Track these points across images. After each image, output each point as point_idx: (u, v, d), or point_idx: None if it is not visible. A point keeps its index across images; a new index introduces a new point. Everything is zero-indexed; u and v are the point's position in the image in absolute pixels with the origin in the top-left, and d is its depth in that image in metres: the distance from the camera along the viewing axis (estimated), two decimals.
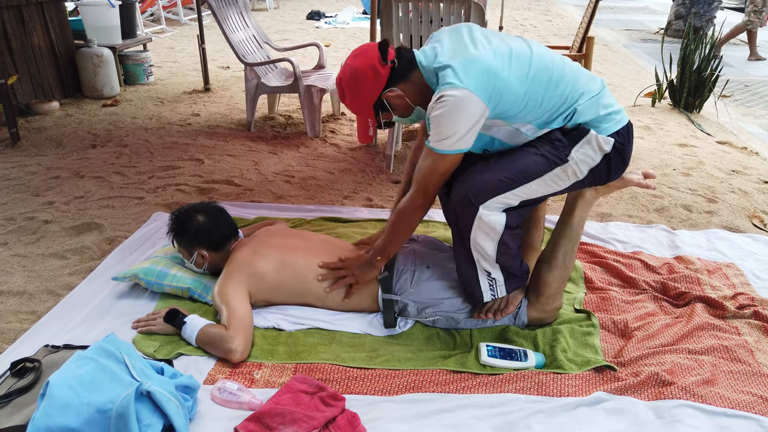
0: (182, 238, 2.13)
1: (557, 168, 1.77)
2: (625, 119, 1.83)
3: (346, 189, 3.29)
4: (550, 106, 1.75)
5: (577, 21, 10.02)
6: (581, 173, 1.80)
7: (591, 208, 2.00)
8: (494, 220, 1.77)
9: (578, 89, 1.77)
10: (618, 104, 1.85)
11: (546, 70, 1.75)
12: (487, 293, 1.93)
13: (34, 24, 4.74)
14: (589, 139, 1.76)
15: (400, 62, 1.78)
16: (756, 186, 3.37)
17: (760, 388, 1.74)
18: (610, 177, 1.86)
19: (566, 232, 1.96)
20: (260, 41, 4.54)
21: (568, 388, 1.73)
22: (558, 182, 1.80)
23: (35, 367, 1.67)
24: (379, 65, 1.76)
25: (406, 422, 1.61)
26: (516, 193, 1.77)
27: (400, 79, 1.78)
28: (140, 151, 3.81)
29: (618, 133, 1.79)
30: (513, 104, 1.72)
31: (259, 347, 1.91)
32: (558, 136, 1.78)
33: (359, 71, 1.77)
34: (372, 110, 1.83)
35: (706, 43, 4.62)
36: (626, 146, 1.82)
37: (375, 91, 1.79)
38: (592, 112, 1.77)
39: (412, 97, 1.81)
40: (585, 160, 1.77)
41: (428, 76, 1.77)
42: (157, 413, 1.47)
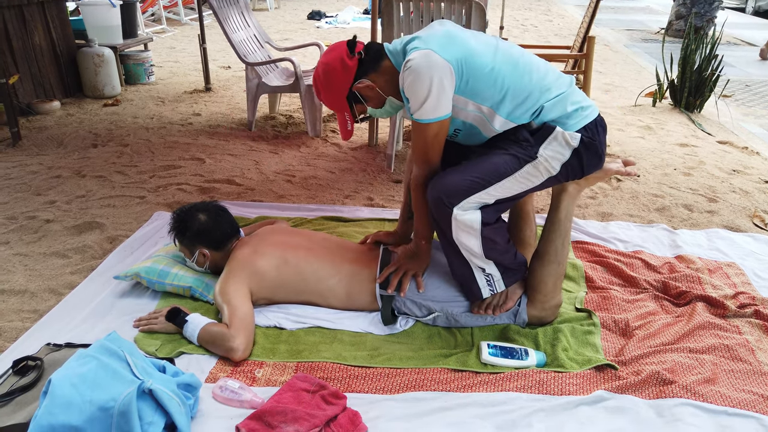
0: (184, 237, 2.13)
1: (527, 165, 1.80)
2: (594, 114, 1.86)
3: (347, 188, 3.30)
4: (517, 94, 1.78)
5: (578, 21, 10.02)
6: (553, 169, 1.83)
7: (576, 201, 2.03)
8: (469, 218, 1.79)
9: (545, 85, 1.81)
10: (587, 100, 1.88)
11: (512, 58, 1.81)
12: (485, 289, 1.94)
13: (36, 24, 4.74)
14: (555, 136, 1.80)
15: (368, 54, 1.84)
16: (757, 186, 3.37)
17: (761, 387, 1.74)
18: (585, 170, 1.89)
19: (555, 228, 1.98)
20: (261, 41, 4.54)
21: (569, 387, 1.73)
22: (531, 179, 1.83)
23: (37, 365, 1.67)
24: (346, 58, 1.81)
25: (407, 421, 1.61)
26: (489, 192, 1.80)
27: (369, 70, 1.83)
28: (141, 151, 3.82)
29: (585, 128, 1.82)
30: (481, 78, 1.75)
31: (260, 346, 1.91)
32: (525, 136, 1.81)
33: (329, 65, 1.83)
34: (346, 103, 1.87)
35: (707, 42, 4.62)
36: (595, 139, 1.84)
37: (345, 83, 1.83)
38: (560, 109, 1.81)
39: (383, 87, 1.85)
40: (555, 156, 1.81)
41: (398, 61, 1.82)
42: (158, 411, 1.47)
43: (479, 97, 1.78)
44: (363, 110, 1.92)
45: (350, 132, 1.93)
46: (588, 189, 3.30)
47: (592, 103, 1.90)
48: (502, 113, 1.80)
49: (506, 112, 1.80)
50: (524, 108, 1.80)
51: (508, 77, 1.77)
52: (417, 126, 1.79)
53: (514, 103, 1.79)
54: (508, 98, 1.78)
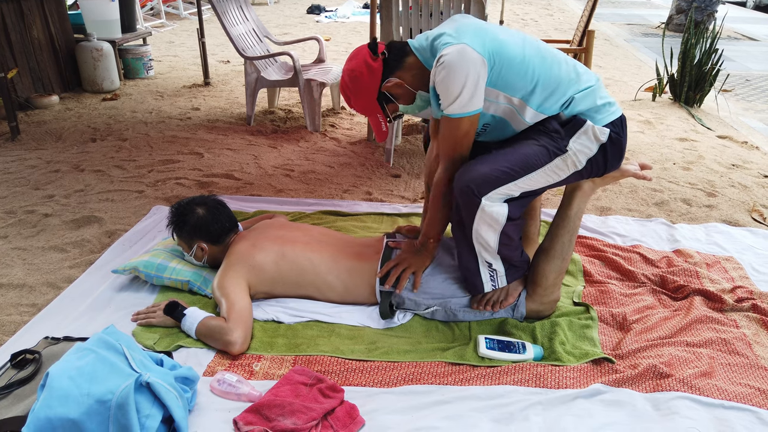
0: (182, 230, 2.13)
1: (557, 158, 1.79)
2: (619, 111, 1.86)
3: (345, 183, 3.29)
4: (547, 85, 1.77)
5: (578, 15, 10.00)
6: (580, 164, 1.82)
7: (589, 199, 2.01)
8: (497, 211, 1.77)
9: (573, 76, 1.81)
10: (611, 98, 1.88)
11: (539, 49, 1.80)
12: (487, 284, 1.94)
13: (34, 18, 4.73)
14: (586, 130, 1.78)
15: (391, 52, 1.83)
16: (756, 180, 3.37)
17: (758, 381, 1.75)
18: (607, 168, 1.88)
19: (564, 224, 1.97)
20: (260, 35, 4.53)
21: (566, 381, 1.74)
22: (558, 173, 1.82)
23: (35, 358, 1.68)
24: (370, 60, 1.81)
25: (404, 413, 1.62)
26: (518, 184, 1.78)
27: (395, 69, 1.83)
28: (140, 145, 3.81)
29: (613, 124, 1.81)
30: (512, 69, 1.74)
31: (258, 339, 1.92)
32: (555, 127, 1.79)
33: (354, 71, 1.83)
34: (377, 105, 1.87)
35: (707, 37, 4.61)
36: (621, 137, 1.84)
37: (373, 85, 1.83)
38: (590, 101, 1.80)
39: (412, 83, 1.84)
40: (583, 150, 1.80)
41: (425, 57, 1.81)
42: (156, 404, 1.48)
43: (511, 89, 1.76)
44: (395, 109, 1.90)
45: (386, 133, 1.92)
46: None
47: (615, 101, 1.89)
48: (533, 104, 1.78)
49: (537, 104, 1.78)
50: (554, 99, 1.79)
51: (538, 67, 1.76)
52: (448, 122, 1.76)
53: (545, 94, 1.77)
54: (539, 89, 1.77)
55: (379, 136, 1.92)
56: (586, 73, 1.85)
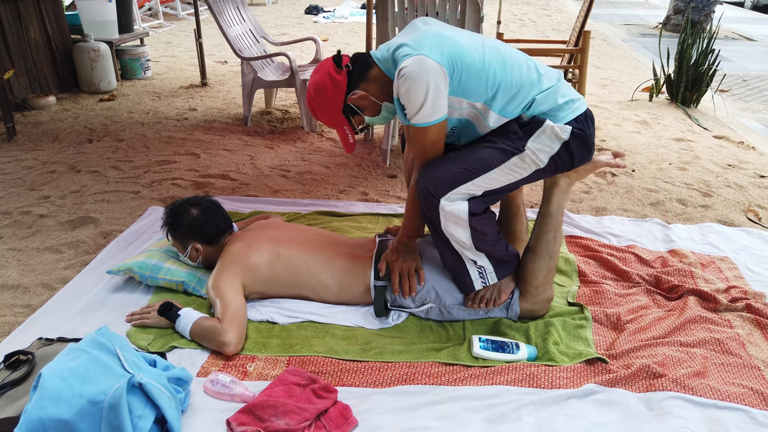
0: (176, 231, 2.13)
1: (514, 157, 1.81)
2: (583, 107, 1.87)
3: (342, 183, 3.30)
4: (509, 89, 1.79)
5: (576, 15, 10.00)
6: (541, 162, 1.83)
7: (568, 195, 2.03)
8: (456, 209, 1.80)
9: (535, 78, 1.82)
10: (575, 93, 1.89)
11: (499, 53, 1.81)
12: (477, 281, 1.95)
13: (31, 18, 4.73)
14: (545, 129, 1.80)
15: (355, 65, 1.84)
16: (752, 180, 3.38)
17: (751, 380, 1.75)
18: (575, 162, 1.89)
19: (547, 221, 1.99)
20: (257, 35, 4.53)
21: (560, 380, 1.74)
22: (518, 171, 1.84)
23: (28, 359, 1.68)
24: (334, 73, 1.82)
25: (397, 414, 1.62)
26: (476, 183, 1.80)
27: (359, 81, 1.84)
28: (136, 146, 3.81)
29: (576, 120, 1.82)
30: (473, 76, 1.75)
31: (252, 340, 1.92)
32: (514, 129, 1.82)
33: (319, 84, 1.84)
34: (343, 118, 1.88)
35: (704, 37, 4.62)
36: (586, 131, 1.85)
37: (338, 98, 1.84)
38: (551, 101, 1.82)
39: (377, 95, 1.86)
40: (542, 149, 1.81)
41: (387, 68, 1.82)
42: (149, 405, 1.48)
43: (473, 95, 1.78)
44: (361, 121, 1.92)
45: (353, 145, 1.94)
46: (582, 184, 3.30)
47: (581, 96, 1.91)
48: (496, 109, 1.80)
49: (499, 108, 1.80)
50: (516, 102, 1.80)
51: (499, 72, 1.77)
52: (415, 131, 1.79)
53: (506, 97, 1.79)
54: (501, 93, 1.78)
55: (347, 147, 1.95)
56: (548, 73, 1.87)
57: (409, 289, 1.99)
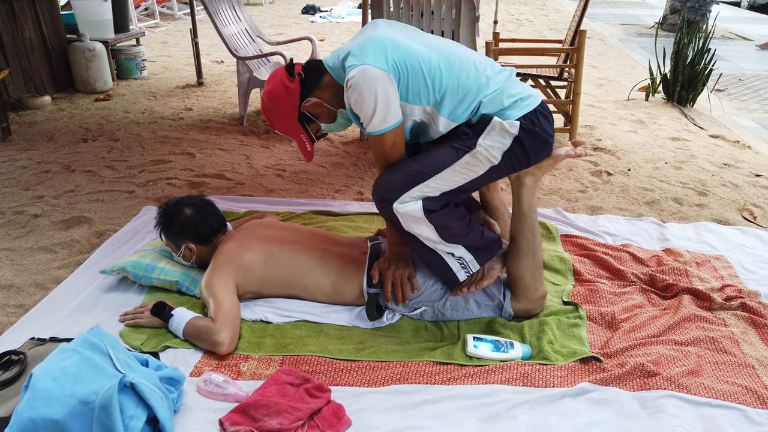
0: (170, 231, 2.13)
1: (466, 155, 1.80)
2: (534, 103, 1.85)
3: (337, 183, 3.29)
4: (456, 92, 1.78)
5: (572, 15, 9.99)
6: (494, 158, 1.82)
7: (537, 191, 2.03)
8: (410, 209, 1.80)
9: (483, 81, 1.81)
10: (527, 91, 1.87)
11: (448, 56, 1.81)
12: (460, 273, 1.95)
13: (26, 18, 4.71)
14: (493, 125, 1.80)
15: (308, 73, 1.84)
16: (747, 179, 3.38)
17: (745, 379, 1.75)
18: (531, 158, 1.88)
19: (522, 221, 1.99)
20: (252, 35, 4.52)
21: (554, 379, 1.74)
22: (472, 169, 1.83)
23: (20, 359, 1.67)
24: (287, 81, 1.82)
25: (391, 413, 1.61)
26: (430, 184, 1.80)
27: (313, 88, 1.84)
28: (132, 146, 3.80)
29: (525, 117, 1.81)
30: (419, 79, 1.75)
31: (246, 340, 1.91)
32: (464, 129, 1.83)
33: (272, 93, 1.85)
34: (299, 126, 1.88)
35: (700, 36, 4.62)
36: (536, 126, 1.83)
37: (292, 106, 1.84)
38: (497, 103, 1.81)
39: (330, 101, 1.86)
40: (494, 145, 1.80)
41: (338, 75, 1.82)
42: (140, 405, 1.47)
43: (421, 99, 1.78)
44: (317, 128, 1.93)
45: (311, 153, 1.94)
46: (578, 183, 3.30)
47: (533, 93, 1.90)
48: (444, 113, 1.81)
49: (447, 112, 1.81)
50: (464, 106, 1.81)
51: (445, 76, 1.77)
52: (373, 139, 1.80)
53: (454, 101, 1.79)
54: (448, 97, 1.78)
55: (306, 155, 1.95)
56: (498, 75, 1.85)
57: (402, 297, 1.98)
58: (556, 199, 3.11)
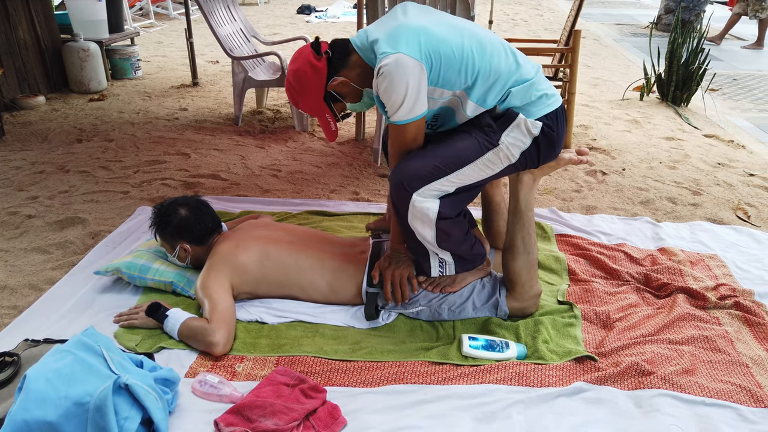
0: (164, 231, 2.12)
1: (489, 152, 1.81)
2: (557, 103, 1.86)
3: (333, 183, 3.29)
4: (487, 77, 1.78)
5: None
6: (513, 157, 1.83)
7: (534, 190, 2.03)
8: (427, 207, 1.79)
9: (513, 68, 1.81)
10: (551, 89, 1.88)
11: (480, 40, 1.79)
12: (435, 269, 1.97)
13: (20, 18, 4.69)
14: (518, 123, 1.80)
15: (335, 51, 1.82)
16: (741, 179, 3.39)
17: (739, 377, 1.76)
18: (541, 160, 1.90)
19: (517, 219, 1.99)
20: (247, 35, 4.51)
21: (549, 379, 1.74)
22: (491, 166, 1.83)
23: (14, 361, 1.66)
24: (314, 59, 1.80)
25: (386, 413, 1.61)
26: (450, 179, 1.80)
27: (339, 68, 1.82)
28: (126, 146, 3.79)
29: (547, 116, 1.82)
30: (452, 66, 1.74)
31: (241, 340, 1.91)
32: (488, 122, 1.82)
33: (298, 71, 1.82)
34: (324, 105, 1.87)
35: (694, 36, 4.63)
36: (554, 130, 1.85)
37: (319, 85, 1.82)
38: (525, 95, 1.81)
39: (357, 81, 1.84)
40: (515, 143, 1.82)
41: (367, 56, 1.81)
42: (135, 406, 1.47)
43: (452, 85, 1.77)
44: (342, 107, 1.91)
45: (335, 132, 1.92)
46: (573, 183, 3.31)
47: (557, 92, 1.90)
48: (474, 97, 1.80)
49: (477, 97, 1.80)
50: (494, 91, 1.80)
51: (478, 60, 1.76)
52: (395, 128, 1.79)
53: (485, 86, 1.78)
54: (480, 81, 1.77)
55: (329, 135, 1.93)
56: (527, 64, 1.86)
57: (402, 296, 1.98)
58: (551, 198, 3.12)
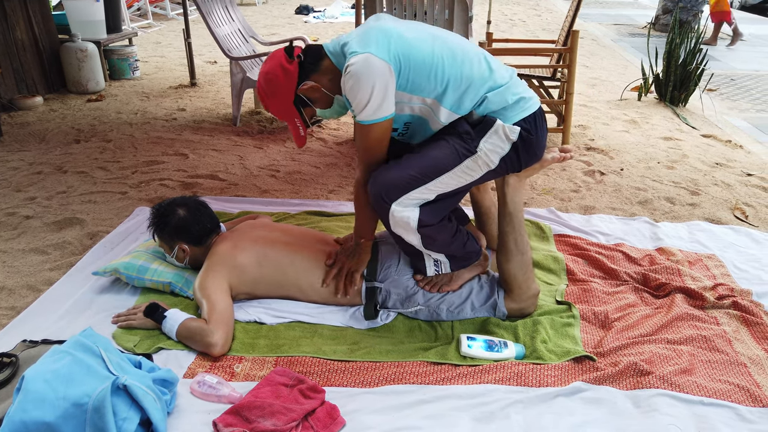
0: (163, 232, 2.12)
1: (467, 159, 1.81)
2: (534, 106, 1.86)
3: (331, 183, 3.29)
4: (459, 84, 1.77)
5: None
6: (492, 163, 1.83)
7: (521, 191, 2.03)
8: (407, 216, 1.79)
9: (486, 74, 1.80)
10: (528, 92, 1.88)
11: (450, 47, 1.79)
12: (431, 269, 1.98)
13: (17, 18, 4.68)
14: (496, 129, 1.80)
15: (307, 56, 1.82)
16: (739, 178, 3.40)
17: (737, 377, 1.76)
18: (522, 164, 1.90)
19: (508, 221, 1.99)
20: (246, 35, 4.51)
21: (547, 379, 1.74)
22: (470, 173, 1.84)
23: (12, 362, 1.66)
24: (285, 63, 1.80)
25: (385, 413, 1.61)
26: (429, 187, 1.80)
27: (311, 72, 1.82)
28: (124, 146, 3.79)
29: (525, 120, 1.82)
30: (421, 71, 1.74)
31: (239, 341, 1.91)
32: (466, 129, 1.81)
33: (269, 74, 1.82)
34: (294, 109, 1.86)
35: (692, 36, 4.64)
36: (533, 133, 1.84)
37: (289, 88, 1.82)
38: (502, 100, 1.81)
39: (328, 86, 1.84)
40: (494, 149, 1.82)
41: (338, 61, 1.81)
42: (133, 407, 1.46)
43: (422, 91, 1.77)
44: (312, 113, 1.91)
45: (304, 138, 1.92)
46: (571, 183, 3.31)
47: (534, 95, 1.90)
48: (446, 104, 1.79)
49: (450, 103, 1.79)
50: (468, 98, 1.79)
51: (448, 67, 1.76)
52: (360, 128, 1.79)
53: (457, 93, 1.78)
54: (450, 88, 1.77)
55: (298, 141, 1.92)
56: (500, 69, 1.85)
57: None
58: (549, 198, 3.12)
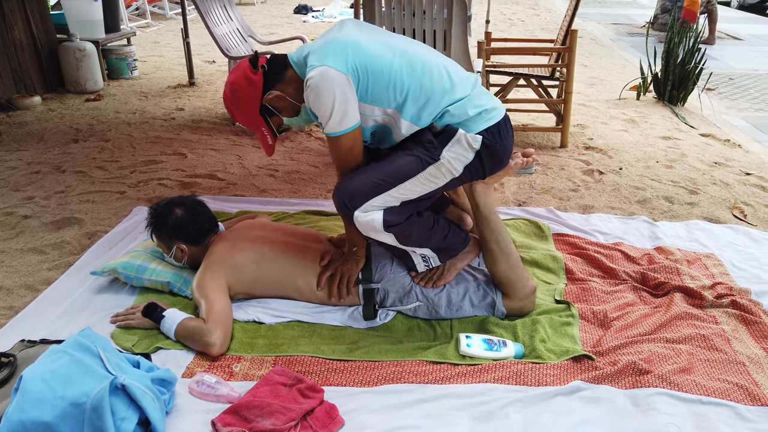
0: (161, 232, 2.12)
1: (430, 167, 1.82)
2: (498, 116, 1.86)
3: (330, 182, 3.29)
4: (418, 97, 1.78)
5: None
6: (456, 171, 1.84)
7: (491, 193, 2.04)
8: (371, 219, 1.80)
9: (447, 87, 1.81)
10: (492, 102, 1.88)
11: (411, 59, 1.80)
12: (420, 265, 1.99)
13: (15, 18, 4.68)
14: (459, 138, 1.81)
15: (271, 66, 1.83)
16: (737, 178, 3.40)
17: (736, 376, 1.76)
18: (487, 172, 1.91)
19: (485, 224, 2.00)
20: (244, 35, 4.51)
21: (546, 378, 1.74)
22: (434, 180, 1.84)
23: (10, 362, 1.65)
24: (250, 73, 1.81)
25: (384, 413, 1.61)
26: (392, 194, 1.81)
27: (275, 82, 1.83)
28: (123, 146, 3.78)
29: (488, 130, 1.83)
30: (380, 82, 1.75)
31: (238, 340, 1.90)
32: (429, 138, 1.83)
33: (234, 84, 1.84)
34: (261, 119, 1.87)
35: (691, 36, 4.65)
36: (497, 143, 1.85)
37: (254, 98, 1.83)
38: (462, 113, 1.82)
39: (293, 96, 1.85)
40: (457, 158, 1.82)
41: (301, 71, 1.82)
42: (132, 406, 1.46)
43: (382, 102, 1.78)
44: (279, 122, 1.92)
45: (272, 147, 1.93)
46: (570, 182, 3.31)
47: (498, 104, 1.91)
48: (406, 116, 1.81)
49: (410, 115, 1.81)
50: (428, 111, 1.81)
51: (407, 79, 1.77)
52: (330, 140, 1.80)
53: (417, 105, 1.79)
54: (410, 100, 1.78)
55: (266, 149, 1.93)
56: (462, 82, 1.85)
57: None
58: (548, 198, 3.12)
